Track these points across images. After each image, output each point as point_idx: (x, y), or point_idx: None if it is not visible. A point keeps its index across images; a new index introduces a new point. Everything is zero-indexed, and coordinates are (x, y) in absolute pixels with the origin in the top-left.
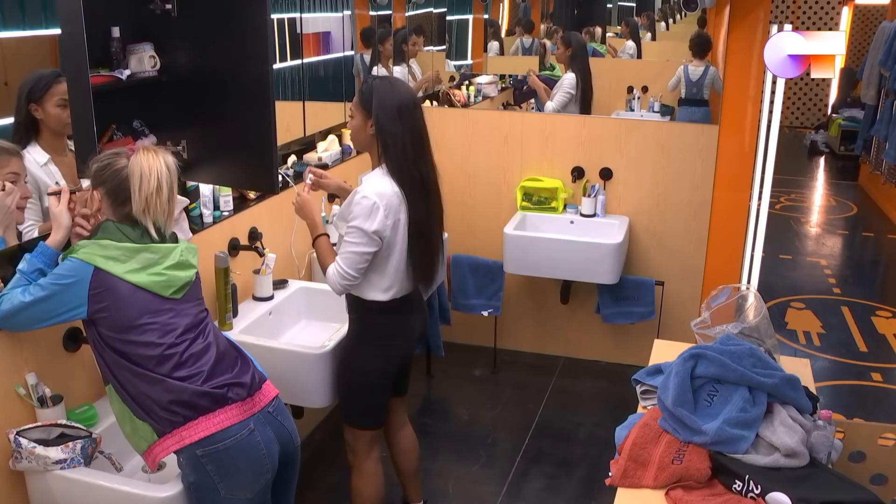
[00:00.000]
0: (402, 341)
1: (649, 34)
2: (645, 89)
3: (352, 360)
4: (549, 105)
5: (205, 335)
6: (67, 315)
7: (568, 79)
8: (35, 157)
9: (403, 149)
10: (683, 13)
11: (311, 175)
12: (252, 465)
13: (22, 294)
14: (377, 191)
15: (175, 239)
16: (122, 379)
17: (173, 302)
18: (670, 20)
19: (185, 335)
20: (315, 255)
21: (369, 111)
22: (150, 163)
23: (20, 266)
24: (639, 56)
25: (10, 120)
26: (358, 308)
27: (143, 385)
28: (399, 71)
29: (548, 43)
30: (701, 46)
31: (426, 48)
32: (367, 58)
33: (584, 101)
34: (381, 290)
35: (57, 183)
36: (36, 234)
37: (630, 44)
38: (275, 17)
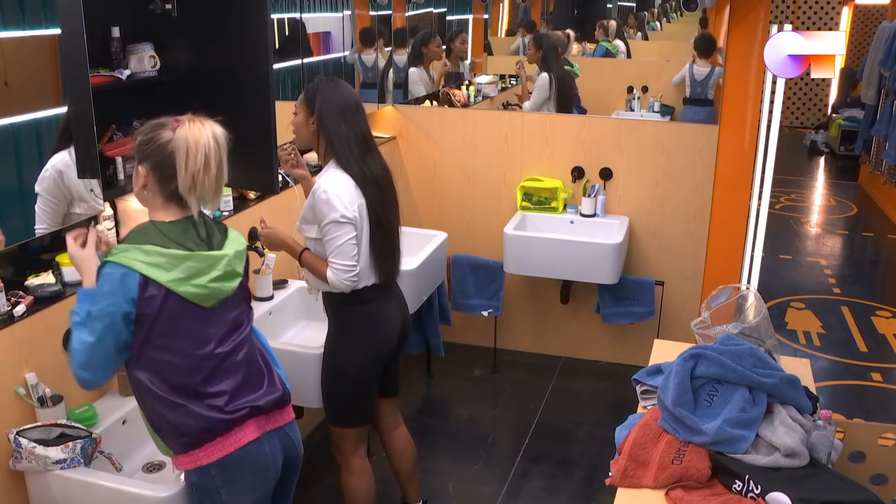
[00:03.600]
0: (380, 332)
1: (639, 34)
2: (645, 89)
3: (331, 357)
4: (526, 104)
5: (237, 350)
6: (126, 329)
7: (541, 79)
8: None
9: (349, 146)
10: (679, 13)
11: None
12: (257, 472)
13: (79, 334)
14: (334, 182)
15: (223, 231)
16: (143, 401)
17: (209, 311)
18: (664, 20)
19: (219, 347)
20: (308, 273)
21: (312, 109)
22: (197, 136)
23: (73, 319)
24: (628, 56)
25: (9, 120)
26: (332, 302)
27: (163, 409)
28: (417, 73)
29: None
30: (706, 46)
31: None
32: (366, 58)
33: (560, 99)
34: None
35: (92, 190)
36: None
37: (619, 43)
38: (275, 16)
